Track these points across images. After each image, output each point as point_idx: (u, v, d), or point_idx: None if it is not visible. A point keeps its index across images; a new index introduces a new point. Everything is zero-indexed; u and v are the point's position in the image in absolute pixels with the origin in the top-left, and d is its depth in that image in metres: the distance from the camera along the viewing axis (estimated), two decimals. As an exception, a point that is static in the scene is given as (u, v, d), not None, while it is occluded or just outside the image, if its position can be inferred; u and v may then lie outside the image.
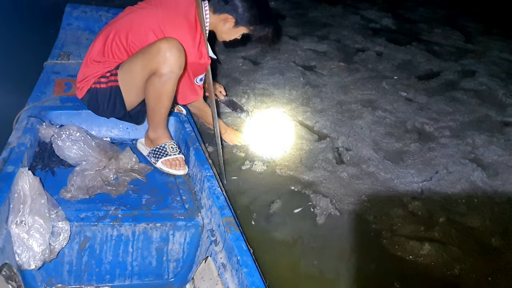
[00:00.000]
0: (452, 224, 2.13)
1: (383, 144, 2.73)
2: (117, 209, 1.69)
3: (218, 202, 1.65)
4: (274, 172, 2.37)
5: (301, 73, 3.44)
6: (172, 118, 2.23)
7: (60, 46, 2.80)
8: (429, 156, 2.62)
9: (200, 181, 1.85)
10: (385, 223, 2.12)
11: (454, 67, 3.99)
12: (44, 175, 1.82)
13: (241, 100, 3.00)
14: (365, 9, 5.47)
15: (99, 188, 1.77)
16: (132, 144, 2.18)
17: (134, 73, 1.84)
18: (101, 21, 3.07)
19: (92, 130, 2.12)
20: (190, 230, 1.71)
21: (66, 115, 2.09)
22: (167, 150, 1.98)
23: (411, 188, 2.36)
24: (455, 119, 3.07)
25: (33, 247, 1.44)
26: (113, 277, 1.70)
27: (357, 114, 3.02)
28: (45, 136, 1.93)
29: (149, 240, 1.68)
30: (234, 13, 2.00)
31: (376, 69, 3.77)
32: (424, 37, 4.81)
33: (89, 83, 1.95)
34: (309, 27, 4.62)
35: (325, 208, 2.14)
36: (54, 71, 2.47)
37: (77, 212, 1.63)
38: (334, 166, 2.46)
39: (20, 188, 1.49)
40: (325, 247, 1.97)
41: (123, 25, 1.93)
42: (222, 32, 2.08)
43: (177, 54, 1.74)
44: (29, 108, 2.05)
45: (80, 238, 1.60)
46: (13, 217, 1.45)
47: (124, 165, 1.92)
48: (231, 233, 1.50)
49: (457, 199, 2.29)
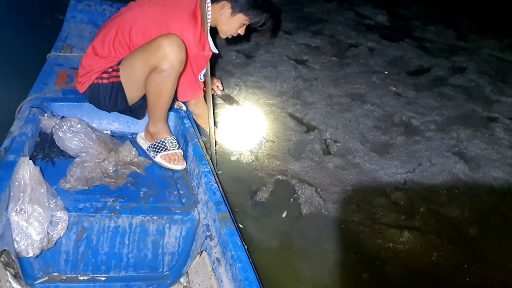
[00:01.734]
0: (432, 213, 2.20)
1: (370, 137, 2.80)
2: (115, 201, 1.71)
3: (214, 198, 1.67)
4: (262, 162, 2.43)
5: (293, 67, 3.50)
6: (172, 113, 2.25)
7: (64, 38, 2.82)
8: (414, 149, 2.69)
9: (197, 176, 1.87)
10: (367, 212, 2.19)
11: (444, 63, 4.05)
12: (44, 165, 1.83)
13: (233, 92, 3.06)
14: (360, 5, 5.53)
15: (98, 179, 1.79)
16: (132, 138, 2.19)
17: (135, 69, 1.86)
18: (105, 15, 3.10)
19: (93, 122, 2.14)
20: (186, 224, 1.73)
21: (68, 107, 2.11)
22: (167, 144, 2.01)
23: (395, 179, 2.43)
24: (441, 113, 3.13)
25: (32, 235, 1.47)
26: (109, 268, 1.71)
27: (346, 107, 3.09)
28: (47, 127, 1.95)
29: (146, 232, 1.70)
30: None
31: (368, 64, 3.84)
32: (417, 34, 4.88)
33: (91, 78, 1.97)
34: (303, 22, 4.68)
35: (309, 196, 2.21)
36: (57, 63, 2.50)
37: (75, 203, 1.65)
38: (321, 157, 2.53)
39: (20, 177, 1.51)
40: (308, 234, 2.04)
41: (126, 21, 1.94)
42: (222, 23, 2.09)
43: (178, 50, 1.76)
44: (31, 99, 2.07)
45: (77, 228, 1.63)
46: (13, 205, 1.47)
47: (124, 158, 1.94)
48: (226, 228, 1.52)
49: (438, 190, 2.36)
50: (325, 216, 2.14)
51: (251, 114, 2.80)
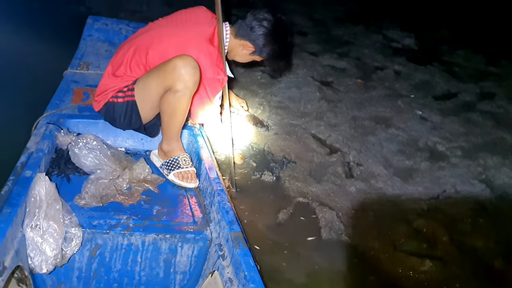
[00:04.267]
0: (456, 243, 2.14)
1: (393, 161, 2.76)
2: (129, 218, 1.72)
3: (227, 217, 1.65)
4: (282, 183, 2.42)
5: (317, 88, 3.49)
6: (185, 131, 2.26)
7: (80, 56, 2.87)
8: (438, 175, 2.63)
9: (210, 194, 1.86)
10: (388, 239, 2.14)
11: (472, 89, 3.99)
12: (60, 181, 1.85)
13: (257, 111, 3.08)
14: (388, 28, 5.50)
15: (112, 196, 1.80)
16: (146, 155, 2.21)
17: (150, 89, 1.90)
18: (121, 33, 3.16)
19: (108, 139, 2.15)
20: (198, 243, 1.72)
21: (84, 124, 2.14)
22: (180, 162, 2.01)
23: (418, 205, 2.38)
24: (468, 140, 3.07)
25: (46, 251, 1.47)
26: (121, 285, 1.71)
27: (370, 130, 3.06)
28: (63, 143, 1.97)
29: (158, 251, 1.69)
30: (255, 44, 2.07)
31: (393, 88, 3.81)
32: (445, 58, 4.81)
33: (107, 97, 2.01)
34: (330, 44, 4.68)
35: (330, 220, 2.18)
36: (74, 80, 2.53)
37: (89, 219, 1.65)
38: (343, 180, 2.50)
39: (36, 193, 1.51)
40: (327, 259, 2.00)
41: (143, 42, 1.99)
42: (236, 54, 2.15)
43: (192, 71, 1.79)
44: (48, 115, 2.10)
45: (91, 245, 1.63)
46: (29, 221, 1.47)
47: (137, 176, 1.95)
48: (239, 248, 1.50)
49: (462, 219, 2.30)
50: (345, 241, 2.11)
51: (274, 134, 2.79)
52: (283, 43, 2.11)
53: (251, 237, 1.93)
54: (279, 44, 2.09)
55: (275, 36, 2.07)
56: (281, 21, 2.09)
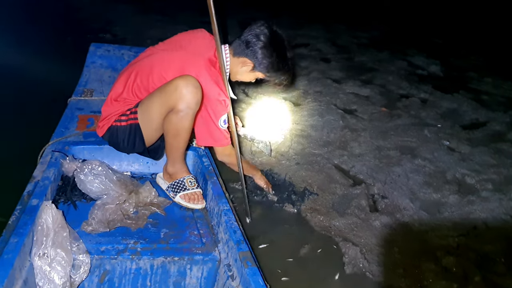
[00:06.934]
0: (488, 284, 2.01)
1: (420, 194, 2.65)
2: (136, 242, 1.72)
3: (235, 237, 1.66)
4: (304, 216, 2.34)
5: (340, 116, 3.43)
6: (190, 152, 2.28)
7: (84, 83, 2.93)
8: (468, 210, 2.51)
9: (217, 215, 1.87)
10: (415, 277, 2.03)
11: (502, 117, 3.86)
12: (67, 209, 1.87)
13: (278, 140, 3.02)
14: (413, 55, 5.44)
15: (119, 221, 1.81)
16: (151, 178, 2.23)
17: (153, 110, 1.91)
18: (123, 59, 3.21)
19: (113, 164, 2.18)
20: (207, 264, 1.72)
21: (89, 150, 2.17)
22: (186, 184, 2.03)
23: (446, 242, 2.26)
24: (499, 172, 2.94)
25: (55, 280, 1.47)
26: None
27: (396, 161, 2.96)
28: (68, 170, 1.99)
29: (167, 274, 1.69)
30: (253, 58, 2.04)
31: (419, 116, 3.71)
32: (473, 86, 4.71)
33: (109, 122, 2.02)
34: (353, 71, 4.64)
35: (353, 257, 2.09)
36: (78, 107, 2.58)
37: (97, 245, 1.66)
38: (367, 214, 2.41)
39: (43, 221, 1.53)
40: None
41: (144, 67, 2.00)
42: (237, 73, 2.13)
43: (194, 90, 1.80)
44: (53, 143, 2.14)
45: (100, 271, 1.63)
46: (36, 250, 1.48)
47: (144, 199, 1.97)
48: (248, 268, 1.50)
49: (495, 258, 2.17)
50: (369, 279, 2.00)
51: (295, 164, 2.73)
52: (281, 55, 2.07)
53: (269, 273, 1.87)
54: (277, 56, 2.05)
55: (272, 48, 2.03)
56: (276, 33, 2.05)
